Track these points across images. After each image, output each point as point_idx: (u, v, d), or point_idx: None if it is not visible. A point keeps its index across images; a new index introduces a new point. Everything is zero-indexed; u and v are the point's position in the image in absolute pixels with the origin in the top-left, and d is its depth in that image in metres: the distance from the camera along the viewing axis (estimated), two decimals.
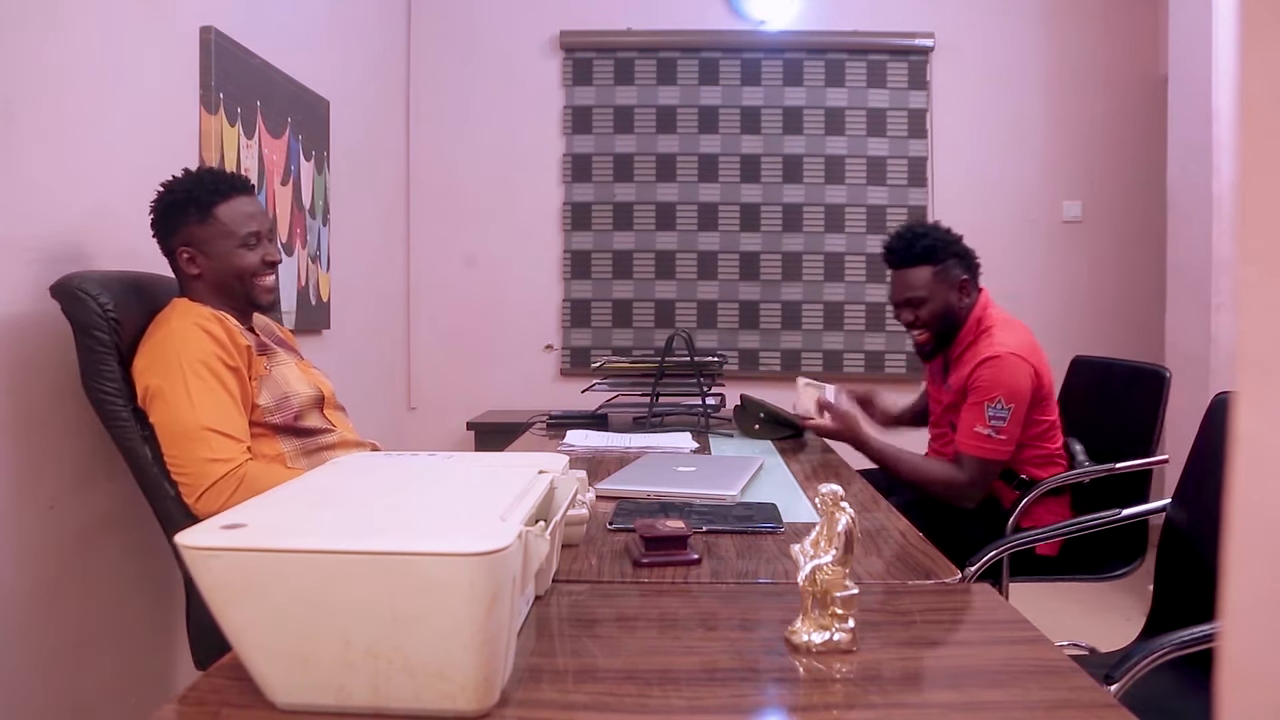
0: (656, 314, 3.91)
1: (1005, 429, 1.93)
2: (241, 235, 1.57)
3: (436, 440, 3.79)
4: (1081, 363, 2.39)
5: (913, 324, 2.10)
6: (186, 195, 1.54)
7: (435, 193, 3.92)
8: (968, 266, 2.10)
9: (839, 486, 0.81)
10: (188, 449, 1.42)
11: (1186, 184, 3.02)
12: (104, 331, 1.45)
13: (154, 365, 1.45)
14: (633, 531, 1.13)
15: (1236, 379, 0.32)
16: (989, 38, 3.85)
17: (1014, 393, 1.93)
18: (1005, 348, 1.97)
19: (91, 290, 1.44)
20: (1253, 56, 0.31)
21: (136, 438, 1.46)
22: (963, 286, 2.07)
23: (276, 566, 0.64)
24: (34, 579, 1.50)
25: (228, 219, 1.56)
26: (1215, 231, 2.83)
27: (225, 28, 2.15)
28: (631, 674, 0.75)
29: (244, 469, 1.43)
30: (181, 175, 1.58)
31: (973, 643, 0.87)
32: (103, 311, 1.45)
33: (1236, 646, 0.32)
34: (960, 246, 2.10)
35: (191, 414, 1.41)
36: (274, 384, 1.57)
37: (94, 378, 1.45)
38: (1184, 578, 1.48)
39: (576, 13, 3.89)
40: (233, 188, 1.58)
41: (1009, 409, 1.93)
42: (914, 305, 2.08)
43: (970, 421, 1.97)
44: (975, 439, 1.95)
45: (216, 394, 1.45)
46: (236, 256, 1.57)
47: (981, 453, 1.95)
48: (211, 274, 1.57)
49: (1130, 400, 2.10)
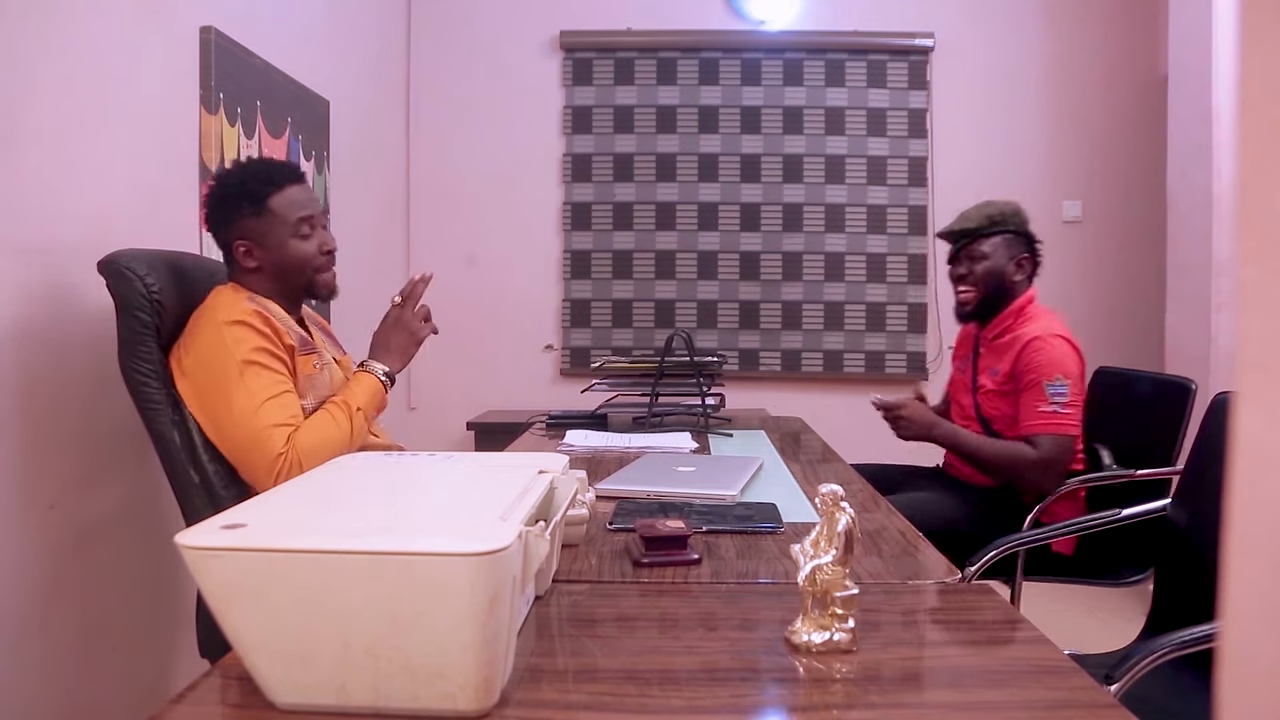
0: (656, 314, 3.91)
1: (1069, 403, 1.96)
2: (293, 222, 1.56)
3: (436, 440, 3.79)
4: (1106, 373, 2.40)
5: (964, 278, 2.15)
6: (240, 188, 1.54)
7: (435, 193, 3.92)
8: (1031, 251, 2.16)
9: (839, 486, 0.81)
10: (248, 428, 1.41)
11: (1186, 184, 3.02)
12: (146, 312, 1.45)
13: (202, 368, 1.44)
14: (633, 531, 1.13)
15: (1236, 379, 0.32)
16: (989, 38, 3.85)
17: (1069, 370, 1.97)
18: (1049, 331, 2.02)
19: (139, 270, 1.45)
20: (1253, 56, 0.31)
21: (167, 421, 1.45)
22: (1020, 263, 2.13)
23: (276, 566, 0.64)
24: (34, 579, 1.50)
25: (281, 209, 1.55)
26: (1215, 231, 2.83)
27: (225, 28, 2.15)
28: (631, 674, 0.75)
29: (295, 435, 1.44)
30: (232, 167, 1.57)
31: (973, 643, 0.87)
32: (147, 292, 1.45)
33: (1236, 646, 0.32)
34: (1032, 235, 2.17)
35: (250, 401, 1.41)
36: (320, 384, 1.57)
37: (131, 357, 1.44)
38: (1184, 578, 1.48)
39: (576, 13, 3.89)
40: (286, 177, 1.57)
41: (1067, 384, 1.96)
42: (972, 259, 2.13)
43: (1031, 403, 1.98)
44: (1042, 418, 1.96)
45: (269, 377, 1.45)
46: (292, 247, 1.56)
47: (1053, 429, 1.95)
48: (270, 266, 1.57)
49: (1154, 410, 2.11)
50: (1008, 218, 2.13)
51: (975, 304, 2.15)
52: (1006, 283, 2.12)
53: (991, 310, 2.14)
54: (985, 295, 2.13)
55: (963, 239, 2.16)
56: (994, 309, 2.14)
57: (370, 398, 1.59)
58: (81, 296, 1.58)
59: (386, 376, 1.64)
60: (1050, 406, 1.95)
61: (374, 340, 1.69)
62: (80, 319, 1.58)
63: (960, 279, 2.16)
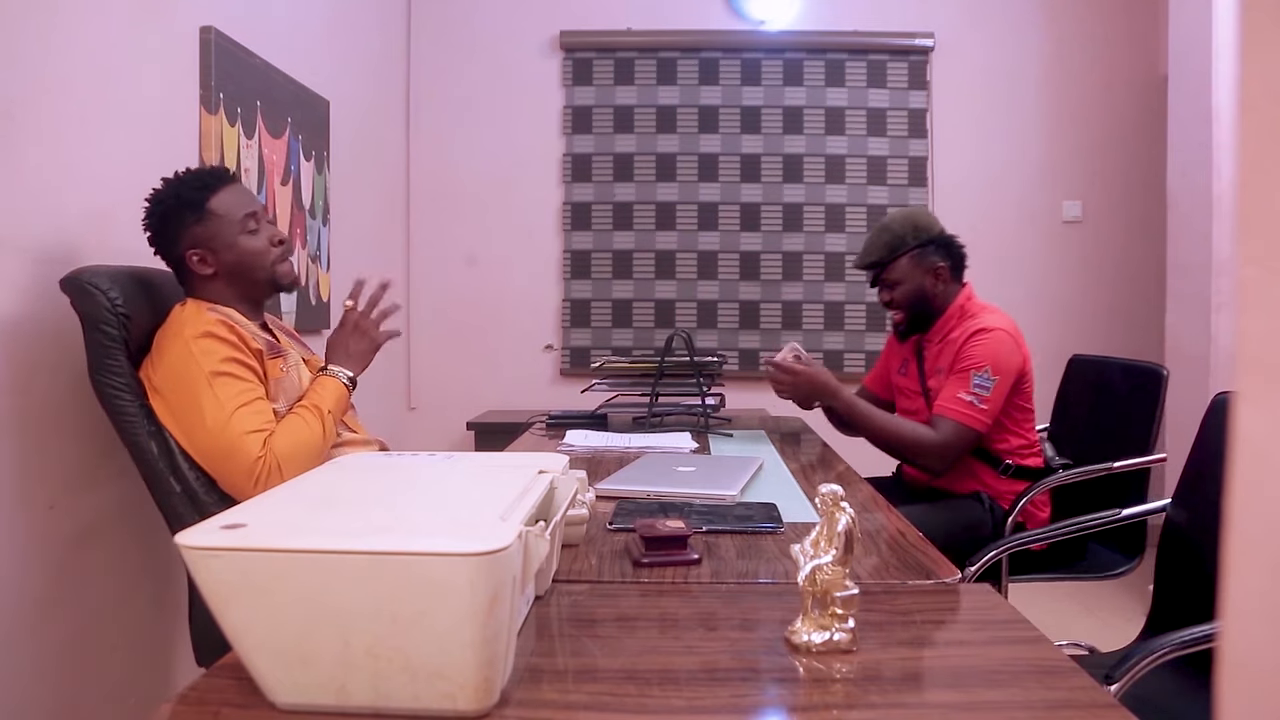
0: (656, 314, 3.91)
1: (988, 399, 1.96)
2: (240, 220, 1.56)
3: (436, 440, 3.79)
4: (1079, 361, 2.40)
5: (888, 304, 2.17)
6: (176, 199, 1.54)
7: (435, 193, 3.92)
8: (948, 255, 2.14)
9: (839, 486, 0.81)
10: (223, 437, 1.42)
11: (1186, 184, 3.02)
12: (113, 326, 1.45)
13: (172, 383, 1.44)
14: (633, 531, 1.13)
15: (1236, 379, 0.32)
16: (989, 38, 3.85)
17: (1001, 366, 1.97)
18: (996, 325, 2.03)
19: (101, 285, 1.45)
20: (1253, 56, 0.31)
21: (143, 433, 1.46)
22: (938, 272, 2.12)
23: (276, 566, 0.64)
24: (34, 579, 1.50)
25: (222, 209, 1.55)
26: (1215, 231, 2.83)
27: (225, 28, 2.15)
28: (631, 674, 0.75)
29: (271, 440, 1.44)
30: (161, 185, 1.57)
31: (973, 643, 0.87)
32: (112, 306, 1.45)
33: (1236, 646, 0.32)
34: (941, 237, 2.15)
35: (220, 412, 1.42)
36: (290, 386, 1.57)
37: (101, 372, 1.45)
38: (1184, 578, 1.48)
39: (576, 13, 3.89)
40: (217, 179, 1.58)
41: (994, 380, 1.96)
42: (889, 286, 2.15)
43: (954, 388, 1.99)
44: (956, 404, 1.96)
45: (239, 385, 1.45)
46: (243, 243, 1.57)
47: (960, 418, 1.96)
48: (226, 269, 1.57)
49: (1128, 399, 2.11)
50: (905, 237, 2.11)
51: (906, 323, 2.17)
52: (929, 295, 2.12)
53: (925, 322, 2.16)
54: (912, 315, 2.15)
55: (873, 269, 2.16)
56: (928, 320, 2.15)
57: (336, 401, 1.59)
58: None
59: (350, 381, 1.64)
60: (970, 397, 1.96)
61: (331, 344, 1.68)
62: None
63: (887, 305, 2.18)
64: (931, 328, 2.16)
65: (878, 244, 2.14)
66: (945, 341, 2.11)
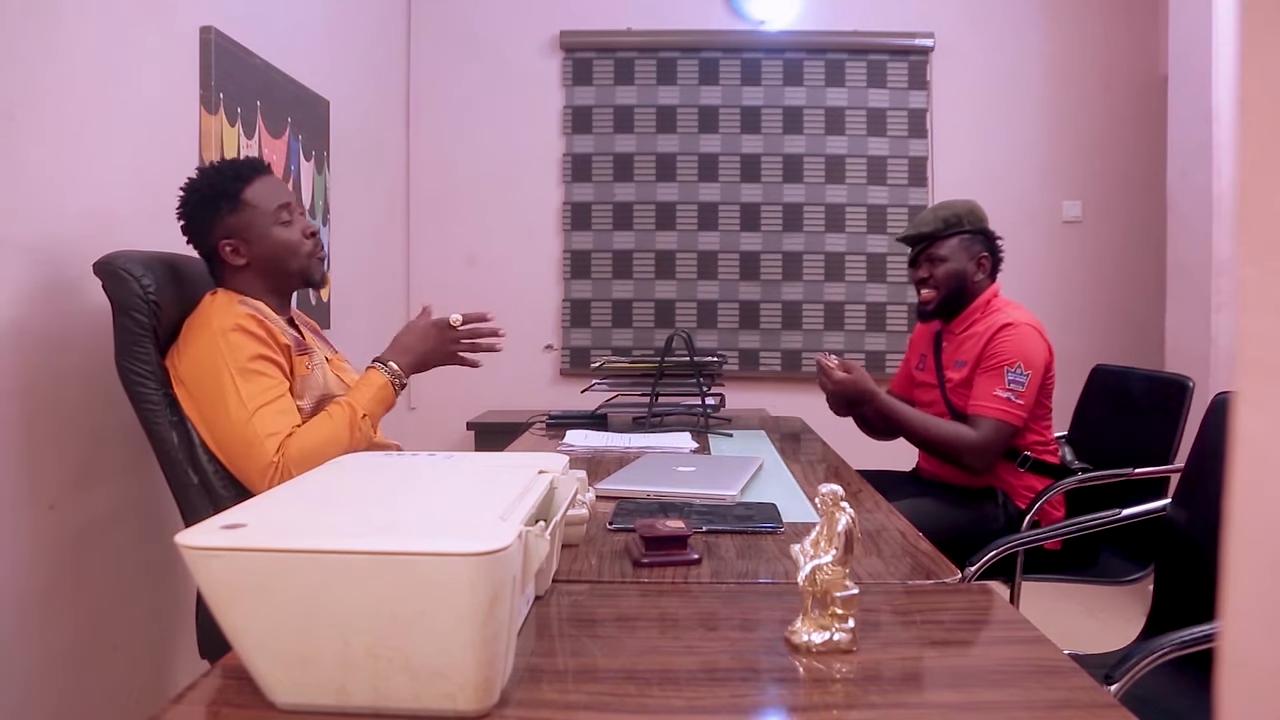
0: (656, 314, 3.91)
1: (1023, 394, 1.96)
2: (273, 210, 1.56)
3: (436, 440, 3.79)
4: (1102, 371, 2.40)
5: (925, 281, 2.15)
6: (211, 189, 1.54)
7: (435, 193, 3.91)
8: (990, 248, 2.16)
9: (839, 486, 0.81)
10: (243, 435, 1.41)
11: (1186, 184, 3.02)
12: (143, 313, 1.45)
13: (197, 375, 1.44)
14: (633, 531, 1.13)
15: (1236, 379, 0.32)
16: (989, 38, 3.85)
17: (1032, 361, 1.98)
18: (1022, 320, 2.03)
19: (135, 271, 1.45)
20: (1253, 56, 0.31)
21: (164, 422, 1.45)
22: (980, 262, 2.13)
23: (276, 566, 0.64)
24: (34, 579, 1.50)
25: (257, 200, 1.55)
26: (1215, 231, 2.83)
27: (225, 28, 2.15)
28: (631, 674, 0.75)
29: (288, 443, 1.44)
30: (197, 174, 1.57)
31: (973, 643, 0.87)
32: (144, 293, 1.45)
33: (1236, 646, 0.32)
34: (991, 232, 2.17)
35: (243, 410, 1.42)
36: (315, 384, 1.57)
37: (128, 358, 1.45)
38: (1184, 578, 1.48)
39: (576, 13, 3.89)
40: (252, 170, 1.58)
41: (1028, 375, 1.96)
42: (932, 262, 2.13)
43: (988, 386, 1.98)
44: (994, 401, 1.96)
45: (265, 382, 1.45)
46: (277, 234, 1.57)
47: (999, 415, 1.96)
48: (258, 260, 1.57)
49: (1151, 409, 2.11)
50: (963, 218, 2.13)
51: (937, 304, 2.15)
52: (968, 283, 2.13)
53: (954, 309, 2.15)
54: (947, 296, 2.14)
55: (920, 243, 2.16)
56: (957, 308, 2.15)
57: (374, 399, 1.57)
58: (81, 296, 1.57)
59: (396, 378, 1.62)
60: (1005, 393, 1.96)
61: (398, 336, 1.67)
62: (80, 318, 1.58)
63: (921, 282, 2.16)
64: (956, 317, 2.16)
65: (935, 218, 2.14)
66: (968, 334, 2.11)
